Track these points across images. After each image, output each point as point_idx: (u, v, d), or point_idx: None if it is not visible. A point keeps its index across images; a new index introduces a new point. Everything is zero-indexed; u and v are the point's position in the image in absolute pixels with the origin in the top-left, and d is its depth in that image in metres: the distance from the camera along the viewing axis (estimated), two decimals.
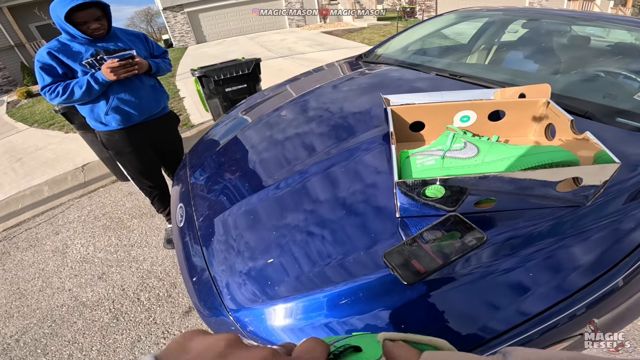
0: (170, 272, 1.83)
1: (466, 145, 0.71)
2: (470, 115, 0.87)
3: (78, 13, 1.29)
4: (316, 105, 1.37)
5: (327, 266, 0.70)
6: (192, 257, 0.93)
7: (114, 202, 2.62)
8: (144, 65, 1.48)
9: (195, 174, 1.22)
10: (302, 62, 6.85)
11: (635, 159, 0.81)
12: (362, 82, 1.55)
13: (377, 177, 0.88)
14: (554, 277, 0.62)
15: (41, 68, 1.33)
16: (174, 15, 13.05)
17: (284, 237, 0.80)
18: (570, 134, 0.74)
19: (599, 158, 0.65)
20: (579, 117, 0.99)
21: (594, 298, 0.62)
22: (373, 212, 0.78)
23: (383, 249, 0.66)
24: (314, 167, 0.97)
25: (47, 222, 2.52)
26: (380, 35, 9.21)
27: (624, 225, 0.69)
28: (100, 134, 1.58)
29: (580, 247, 0.66)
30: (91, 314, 1.66)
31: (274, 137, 1.22)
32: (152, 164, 1.76)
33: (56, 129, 4.51)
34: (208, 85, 2.83)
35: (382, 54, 1.93)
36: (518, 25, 1.86)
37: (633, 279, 0.66)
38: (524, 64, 1.62)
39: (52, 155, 3.61)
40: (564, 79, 1.36)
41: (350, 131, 1.10)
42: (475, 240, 0.60)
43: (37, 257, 2.14)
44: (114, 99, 1.46)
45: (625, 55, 1.41)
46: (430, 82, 1.40)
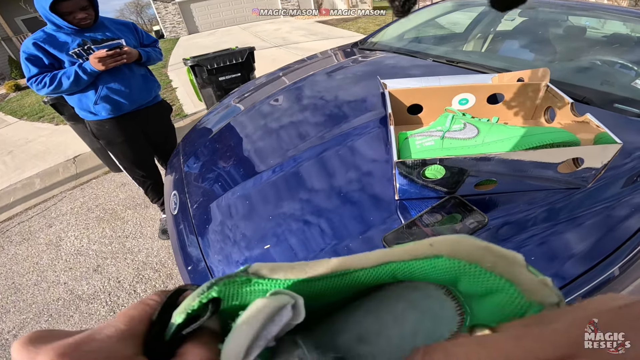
0: (166, 263, 1.81)
1: (466, 126, 0.70)
2: (468, 98, 0.86)
3: (63, 3, 1.26)
4: (311, 92, 1.34)
5: (324, 251, 0.69)
6: (186, 246, 0.91)
7: (107, 194, 2.58)
8: (133, 54, 1.44)
9: (189, 162, 1.20)
10: (296, 51, 6.76)
11: (633, 143, 0.81)
12: (358, 68, 1.52)
13: (374, 159, 0.86)
14: (551, 264, 0.61)
15: (27, 59, 1.30)
16: (164, 6, 12.78)
17: (280, 223, 0.79)
18: (570, 116, 0.73)
19: (600, 139, 0.64)
20: (578, 102, 0.99)
21: (589, 287, 0.61)
22: (371, 195, 0.77)
23: (382, 232, 0.65)
24: (309, 152, 0.95)
25: (40, 215, 2.48)
26: (375, 24, 9.11)
27: (619, 212, 0.68)
28: (90, 123, 1.55)
29: (577, 233, 0.65)
30: (87, 307, 1.64)
31: (268, 123, 1.20)
32: (144, 153, 1.73)
33: (46, 121, 4.42)
34: (201, 74, 2.78)
35: (378, 42, 1.90)
36: (515, 14, 1.85)
37: (629, 267, 0.65)
38: (521, 52, 1.60)
39: (43, 147, 3.54)
40: (561, 66, 1.35)
41: (345, 116, 1.08)
42: (476, 222, 0.59)
43: (30, 250, 2.11)
44: (103, 88, 1.43)
45: (621, 45, 1.41)
46: (427, 69, 1.38)
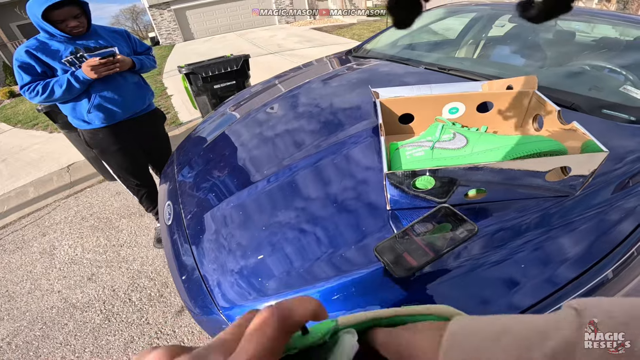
0: (161, 271, 1.80)
1: (455, 136, 0.71)
2: (459, 107, 0.87)
3: (55, 11, 1.26)
4: (306, 99, 1.35)
5: (318, 261, 0.70)
6: (181, 255, 0.91)
7: (102, 202, 2.57)
8: (126, 62, 1.45)
9: (183, 171, 1.20)
10: (291, 58, 6.80)
11: (622, 149, 0.82)
12: (351, 76, 1.54)
13: (367, 169, 0.87)
14: (543, 270, 0.62)
15: (19, 67, 1.30)
16: (160, 12, 12.82)
17: (274, 232, 0.79)
18: (558, 124, 0.74)
19: (587, 147, 0.65)
20: (566, 108, 1.00)
21: (584, 291, 0.61)
22: (363, 205, 0.78)
23: (374, 242, 0.66)
24: (304, 161, 0.96)
25: (34, 223, 2.46)
26: (369, 31, 9.19)
27: (611, 216, 0.69)
28: (84, 132, 1.54)
29: (569, 239, 0.66)
30: (82, 315, 1.62)
31: (263, 132, 1.20)
32: (138, 162, 1.73)
33: (40, 129, 4.40)
34: (196, 82, 2.79)
35: (371, 49, 1.92)
36: (505, 20, 1.88)
37: (622, 270, 0.66)
38: (511, 58, 1.63)
39: (37, 155, 3.52)
40: (550, 72, 1.37)
41: (340, 125, 1.09)
42: (466, 232, 0.60)
43: (24, 259, 2.09)
44: (96, 96, 1.43)
45: (610, 50, 1.43)
46: (419, 76, 1.40)
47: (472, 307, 0.59)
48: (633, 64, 1.26)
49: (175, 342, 1.44)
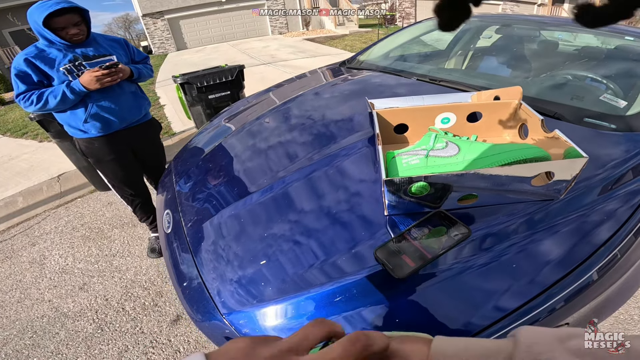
0: (156, 281, 1.79)
1: (448, 145, 0.75)
2: (450, 117, 0.92)
3: (56, 19, 1.27)
4: (301, 112, 1.39)
5: (320, 265, 0.72)
6: (181, 263, 0.92)
7: (93, 212, 2.54)
8: (126, 71, 1.46)
9: (181, 181, 1.22)
10: (285, 69, 6.88)
11: (604, 156, 0.87)
12: (345, 88, 1.58)
13: (364, 178, 0.91)
14: (530, 271, 0.65)
15: (16, 75, 1.31)
16: (153, 21, 12.85)
17: (275, 239, 0.82)
18: (542, 132, 0.79)
19: (569, 154, 0.69)
20: (550, 117, 1.06)
21: (570, 291, 0.64)
22: (362, 211, 0.81)
23: (373, 246, 0.69)
24: (301, 172, 0.99)
25: (23, 233, 2.41)
26: (362, 42, 9.38)
27: (594, 219, 0.73)
28: (79, 141, 1.54)
29: (554, 241, 0.69)
30: (74, 324, 1.60)
31: (259, 144, 1.23)
32: (133, 171, 1.73)
33: (29, 137, 4.33)
34: (190, 92, 2.81)
35: (364, 60, 1.98)
36: (492, 31, 1.96)
37: (607, 272, 0.70)
38: (498, 68, 1.70)
39: (26, 165, 3.46)
40: (535, 82, 1.43)
41: (334, 136, 1.13)
42: (460, 234, 0.63)
43: (13, 268, 2.05)
44: (93, 106, 1.43)
45: (591, 59, 1.50)
46: (411, 87, 1.45)
47: (463, 306, 0.62)
48: (613, 73, 1.33)
49: (171, 351, 1.42)
